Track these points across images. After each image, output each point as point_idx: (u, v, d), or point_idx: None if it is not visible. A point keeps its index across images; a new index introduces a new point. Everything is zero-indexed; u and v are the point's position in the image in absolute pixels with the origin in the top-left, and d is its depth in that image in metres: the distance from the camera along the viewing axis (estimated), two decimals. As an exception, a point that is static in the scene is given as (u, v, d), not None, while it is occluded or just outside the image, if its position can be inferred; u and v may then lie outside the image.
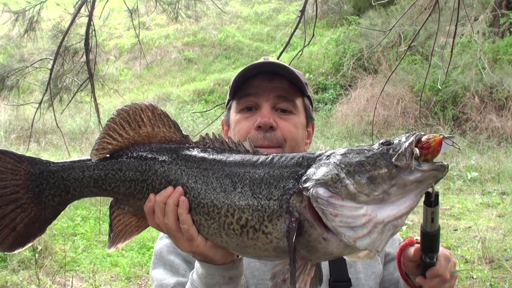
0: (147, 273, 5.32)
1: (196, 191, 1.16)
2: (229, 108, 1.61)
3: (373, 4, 9.35)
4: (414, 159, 1.00)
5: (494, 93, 11.04)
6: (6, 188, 1.22)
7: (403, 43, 12.03)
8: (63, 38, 4.71)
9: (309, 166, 1.10)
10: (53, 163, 1.27)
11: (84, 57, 4.81)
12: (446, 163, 1.02)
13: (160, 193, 1.17)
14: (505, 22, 12.07)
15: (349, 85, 13.03)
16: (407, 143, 1.03)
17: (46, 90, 4.99)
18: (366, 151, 1.07)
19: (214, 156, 1.20)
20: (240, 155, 1.20)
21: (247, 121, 1.51)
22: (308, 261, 1.11)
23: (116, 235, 1.25)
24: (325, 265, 1.46)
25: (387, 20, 11.29)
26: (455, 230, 6.16)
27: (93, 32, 4.78)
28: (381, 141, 1.08)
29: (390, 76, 4.77)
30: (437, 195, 1.12)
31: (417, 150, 1.01)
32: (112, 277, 5.28)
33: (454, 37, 3.59)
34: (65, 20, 5.28)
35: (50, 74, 4.88)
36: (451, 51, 3.92)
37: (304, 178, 1.08)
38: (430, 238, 1.20)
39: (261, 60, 1.61)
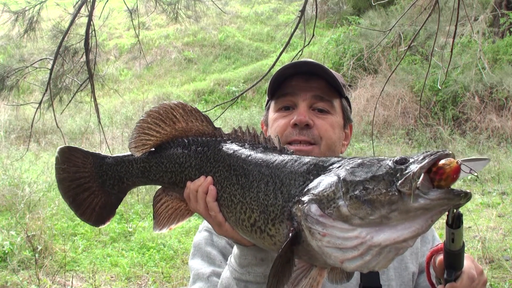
0: (147, 273, 5.32)
1: (220, 184, 1.24)
2: (268, 108, 1.63)
3: (373, 4, 9.36)
4: (418, 188, 0.92)
5: (494, 93, 11.04)
6: (81, 179, 1.42)
7: (403, 43, 12.03)
8: (63, 38, 4.71)
9: (318, 175, 1.07)
10: (110, 157, 1.43)
11: (84, 57, 4.80)
12: (463, 191, 0.92)
13: (194, 182, 1.28)
14: (505, 22, 12.06)
15: (349, 85, 13.02)
16: (417, 168, 0.93)
17: (46, 90, 4.99)
18: (375, 168, 0.99)
19: (239, 153, 1.24)
20: (262, 154, 1.21)
21: (284, 119, 1.52)
22: (311, 265, 1.09)
23: (167, 218, 1.38)
24: None
25: (387, 20, 11.28)
26: (455, 230, 6.16)
27: (93, 32, 4.78)
28: (396, 158, 0.99)
29: (390, 76, 4.77)
30: (458, 217, 1.06)
31: (418, 180, 0.92)
32: (112, 277, 5.28)
33: (454, 37, 3.59)
34: (65, 20, 5.28)
35: (50, 74, 4.88)
36: (451, 51, 3.92)
37: (306, 189, 1.05)
38: (450, 256, 1.16)
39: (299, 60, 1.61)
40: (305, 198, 1.03)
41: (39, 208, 6.48)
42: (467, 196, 0.92)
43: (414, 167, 0.94)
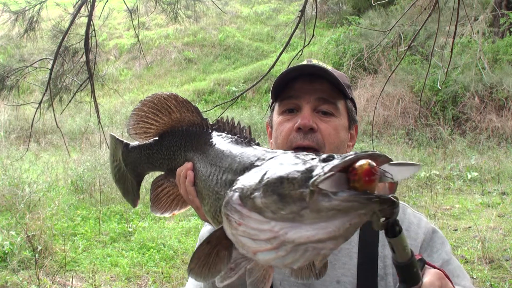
0: (147, 273, 5.32)
1: (195, 171, 1.30)
2: (272, 110, 1.64)
3: (373, 4, 9.36)
4: (317, 186, 0.88)
5: (494, 93, 11.04)
6: (117, 162, 1.62)
7: (403, 43, 12.04)
8: (63, 38, 4.71)
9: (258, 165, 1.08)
10: (130, 145, 1.56)
11: (84, 57, 4.80)
12: (378, 196, 0.87)
13: (179, 168, 1.35)
14: (505, 22, 12.07)
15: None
16: (329, 167, 0.90)
17: (46, 90, 4.99)
18: (300, 163, 0.97)
19: (211, 142, 1.30)
20: (229, 144, 1.25)
21: (288, 122, 1.52)
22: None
23: (169, 203, 1.45)
24: (352, 274, 1.44)
25: (387, 20, 11.29)
26: (455, 230, 6.16)
27: (93, 32, 4.78)
28: (323, 156, 0.96)
29: (390, 76, 4.77)
30: (392, 226, 1.00)
31: (320, 179, 0.88)
32: (112, 277, 5.29)
33: (454, 37, 3.59)
34: (65, 20, 5.28)
35: (50, 74, 4.88)
36: (451, 51, 3.92)
37: (238, 179, 1.06)
38: (397, 268, 1.09)
39: (303, 62, 1.62)
40: (234, 186, 1.03)
41: (39, 208, 6.48)
42: (385, 203, 0.86)
43: (329, 166, 0.91)
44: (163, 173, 1.50)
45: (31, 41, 5.66)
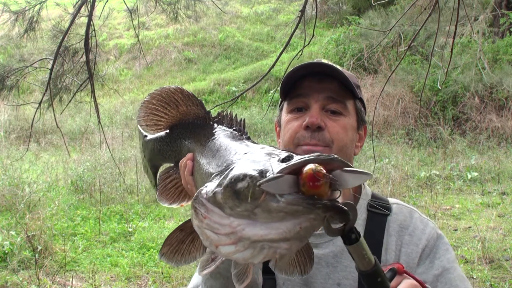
0: (147, 273, 5.32)
1: (194, 162, 1.34)
2: (281, 109, 1.63)
3: (373, 4, 9.36)
4: (259, 187, 0.88)
5: (494, 93, 11.04)
6: (141, 152, 1.66)
7: (403, 43, 12.04)
8: (63, 38, 4.71)
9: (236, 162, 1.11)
10: (147, 137, 1.57)
11: (84, 57, 4.80)
12: (323, 203, 0.86)
13: (182, 158, 1.38)
14: (505, 22, 12.07)
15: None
16: (278, 169, 0.90)
17: (46, 90, 4.99)
18: (262, 162, 0.97)
19: (210, 134, 1.33)
20: (223, 138, 1.27)
21: (296, 121, 1.51)
22: None
23: (178, 194, 1.46)
24: (353, 277, 1.44)
25: (387, 20, 11.28)
26: (455, 230, 6.16)
27: (93, 32, 4.78)
28: (284, 156, 0.96)
29: (390, 76, 4.77)
30: (348, 233, 0.98)
31: (262, 179, 0.88)
32: (112, 277, 5.29)
33: (454, 37, 3.59)
34: (65, 20, 5.28)
35: (50, 74, 4.88)
36: (451, 51, 3.92)
37: (214, 172, 1.10)
38: (360, 276, 1.06)
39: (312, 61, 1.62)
40: (208, 181, 1.08)
41: (39, 208, 6.48)
42: (330, 210, 0.86)
43: (279, 168, 0.91)
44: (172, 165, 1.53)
45: (31, 41, 5.66)
